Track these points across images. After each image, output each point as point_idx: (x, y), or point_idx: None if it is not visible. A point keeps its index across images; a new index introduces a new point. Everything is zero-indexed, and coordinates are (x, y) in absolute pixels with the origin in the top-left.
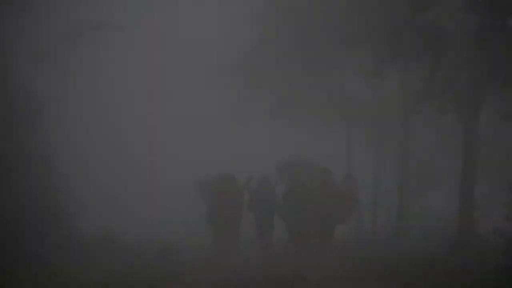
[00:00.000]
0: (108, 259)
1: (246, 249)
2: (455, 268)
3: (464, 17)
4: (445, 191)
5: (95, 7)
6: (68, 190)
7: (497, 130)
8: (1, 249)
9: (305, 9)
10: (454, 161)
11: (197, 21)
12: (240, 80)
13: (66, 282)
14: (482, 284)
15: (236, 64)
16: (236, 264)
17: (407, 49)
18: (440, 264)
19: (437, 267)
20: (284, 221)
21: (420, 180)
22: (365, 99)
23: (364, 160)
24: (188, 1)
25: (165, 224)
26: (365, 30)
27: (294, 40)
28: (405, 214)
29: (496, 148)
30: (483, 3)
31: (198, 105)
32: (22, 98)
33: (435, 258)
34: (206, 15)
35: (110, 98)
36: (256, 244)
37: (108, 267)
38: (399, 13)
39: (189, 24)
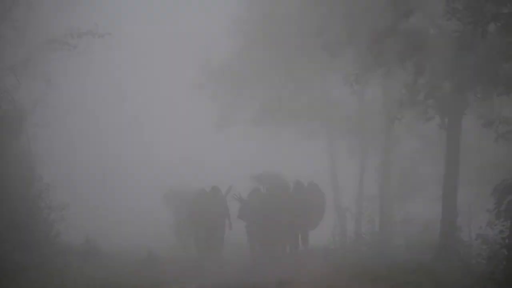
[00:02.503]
0: (91, 268)
1: (234, 256)
2: (438, 274)
3: (446, 24)
4: (428, 197)
5: (80, 16)
6: (50, 198)
7: (479, 137)
8: None
9: (287, 17)
10: (437, 167)
11: (180, 29)
12: (222, 88)
13: None
14: None
15: (219, 72)
16: (221, 272)
17: (389, 55)
18: (423, 270)
19: (420, 273)
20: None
21: (403, 186)
22: (348, 106)
23: (347, 167)
24: (171, 10)
25: (149, 232)
26: (347, 36)
27: (276, 47)
28: (388, 220)
29: (478, 154)
30: (464, 10)
31: (181, 113)
32: (5, 105)
33: (418, 264)
34: (189, 24)
35: (94, 106)
36: (247, 251)
37: (92, 275)
38: (381, 20)
39: (172, 33)
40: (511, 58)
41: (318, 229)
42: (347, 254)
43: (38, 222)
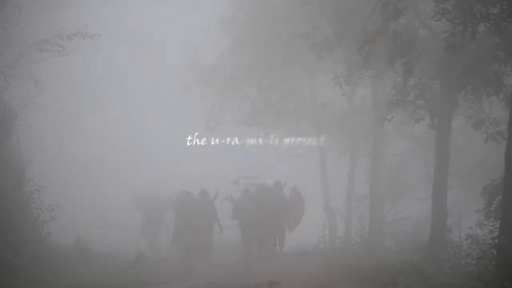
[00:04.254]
0: (82, 268)
1: (225, 257)
2: (428, 274)
3: (435, 24)
4: (418, 197)
5: (70, 17)
6: (40, 199)
7: (468, 137)
8: None
9: (277, 18)
10: (427, 168)
11: (169, 30)
12: (212, 89)
13: None
14: None
15: (208, 73)
16: (211, 272)
17: (379, 56)
18: (413, 270)
19: (410, 273)
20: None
21: (393, 187)
22: (337, 107)
23: (337, 167)
24: (160, 11)
25: (138, 234)
26: (336, 37)
27: (265, 48)
28: (378, 221)
29: (467, 154)
30: (454, 10)
31: (170, 114)
32: None
33: (408, 264)
34: (178, 25)
35: (83, 108)
36: (238, 252)
37: (82, 275)
38: (371, 20)
39: (161, 34)
40: (501, 58)
41: (309, 230)
42: (337, 255)
43: (29, 222)
